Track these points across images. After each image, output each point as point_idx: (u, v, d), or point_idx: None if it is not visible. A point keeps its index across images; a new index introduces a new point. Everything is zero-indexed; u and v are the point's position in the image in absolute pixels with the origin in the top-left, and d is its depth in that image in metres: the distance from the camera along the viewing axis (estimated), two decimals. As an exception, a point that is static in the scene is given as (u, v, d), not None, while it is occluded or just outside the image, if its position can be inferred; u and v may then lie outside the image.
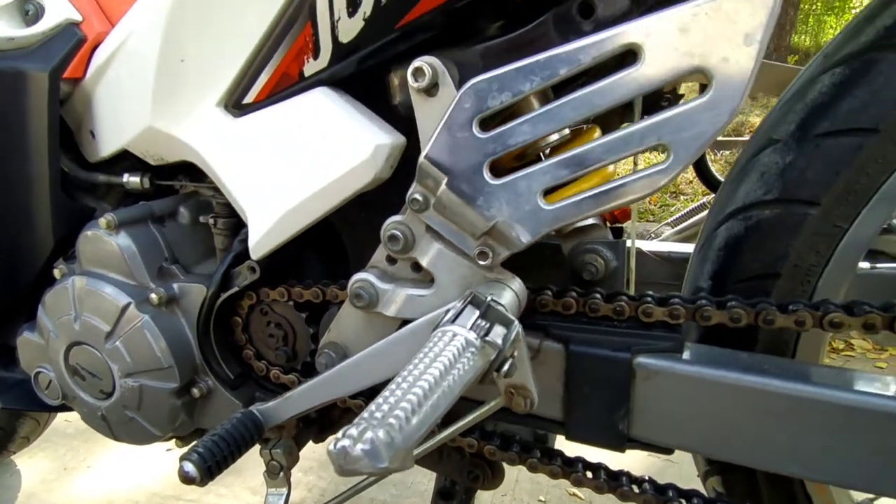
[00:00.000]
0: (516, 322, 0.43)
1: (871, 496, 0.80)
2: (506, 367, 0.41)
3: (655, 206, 3.39)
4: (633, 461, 1.43)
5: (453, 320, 0.40)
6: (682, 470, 1.39)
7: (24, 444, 1.41)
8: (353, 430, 0.28)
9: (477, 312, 0.42)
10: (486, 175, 0.44)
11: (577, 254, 0.64)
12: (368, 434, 0.28)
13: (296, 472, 1.43)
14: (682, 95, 0.88)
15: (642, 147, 0.39)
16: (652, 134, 0.39)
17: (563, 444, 0.69)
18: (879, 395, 0.45)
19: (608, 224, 0.69)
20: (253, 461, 1.53)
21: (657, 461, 1.47)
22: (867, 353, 2.06)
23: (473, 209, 0.45)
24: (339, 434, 0.28)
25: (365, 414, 0.30)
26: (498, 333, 0.41)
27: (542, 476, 1.55)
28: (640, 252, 0.92)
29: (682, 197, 3.64)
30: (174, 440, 0.80)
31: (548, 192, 0.45)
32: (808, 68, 0.60)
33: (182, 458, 0.51)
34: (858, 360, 2.03)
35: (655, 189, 0.40)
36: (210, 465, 0.51)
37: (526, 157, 0.57)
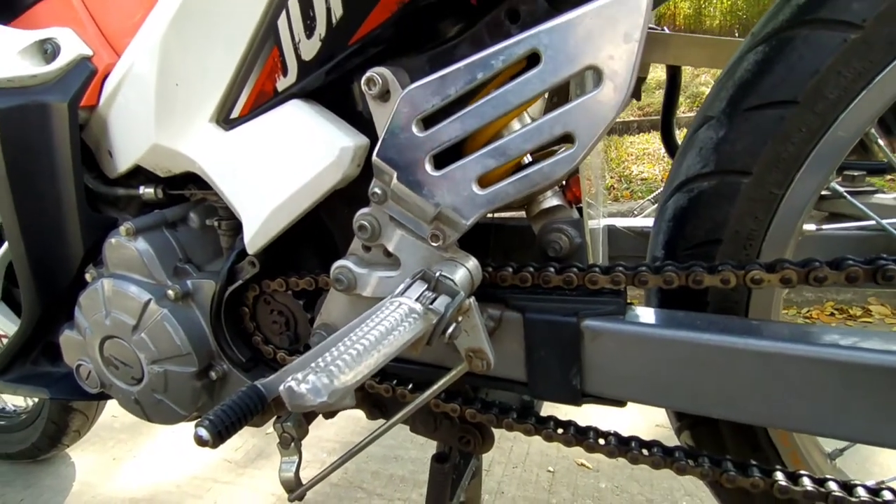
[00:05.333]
0: (462, 293, 0.50)
1: (840, 447, 0.84)
2: (450, 330, 0.48)
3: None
4: (640, 430, 1.49)
5: (402, 292, 0.48)
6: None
7: (75, 437, 1.56)
8: (299, 375, 0.36)
9: (425, 286, 0.49)
10: (428, 168, 0.51)
11: (544, 233, 0.71)
12: (311, 377, 0.36)
13: (320, 454, 1.54)
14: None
15: (553, 135, 0.46)
16: (560, 123, 0.45)
17: (548, 409, 0.76)
18: (788, 341, 0.50)
19: (573, 205, 0.75)
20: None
21: (663, 431, 1.52)
22: (885, 319, 2.04)
23: (421, 197, 0.52)
24: (288, 378, 0.36)
25: (312, 363, 0.37)
26: (442, 302, 0.48)
27: (552, 449, 1.62)
28: (615, 229, 0.98)
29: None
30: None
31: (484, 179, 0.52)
32: (739, 47, 0.64)
33: (196, 425, 0.60)
34: (876, 327, 2.02)
35: (568, 171, 0.47)
36: (220, 430, 0.59)
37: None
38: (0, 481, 1.57)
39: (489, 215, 0.69)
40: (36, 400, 1.54)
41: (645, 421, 1.54)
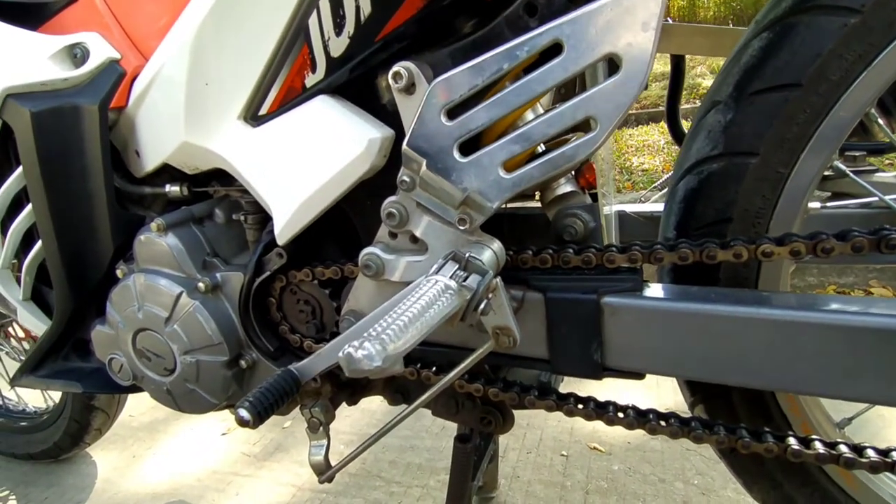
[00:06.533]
0: (490, 272, 0.54)
1: (849, 416, 0.87)
2: (482, 306, 0.51)
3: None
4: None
5: (437, 272, 0.51)
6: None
7: (97, 435, 1.59)
8: (356, 342, 0.39)
9: (456, 266, 0.52)
10: (456, 155, 0.54)
11: (559, 219, 0.74)
12: (367, 344, 0.39)
13: (337, 446, 1.57)
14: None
15: (575, 120, 0.49)
16: (581, 109, 0.48)
17: (566, 388, 0.79)
18: (797, 309, 0.53)
19: (586, 191, 0.78)
20: (296, 440, 1.68)
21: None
22: (887, 300, 2.08)
23: (449, 184, 0.55)
24: (346, 346, 0.40)
25: (365, 333, 0.41)
26: (473, 280, 0.51)
27: (564, 435, 1.66)
28: (624, 213, 1.01)
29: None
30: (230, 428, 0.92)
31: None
32: (744, 35, 0.67)
33: (237, 407, 0.63)
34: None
35: (588, 154, 0.50)
36: (259, 411, 0.63)
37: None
38: (23, 481, 1.60)
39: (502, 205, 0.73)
40: (57, 400, 1.57)
41: (657, 404, 1.58)
